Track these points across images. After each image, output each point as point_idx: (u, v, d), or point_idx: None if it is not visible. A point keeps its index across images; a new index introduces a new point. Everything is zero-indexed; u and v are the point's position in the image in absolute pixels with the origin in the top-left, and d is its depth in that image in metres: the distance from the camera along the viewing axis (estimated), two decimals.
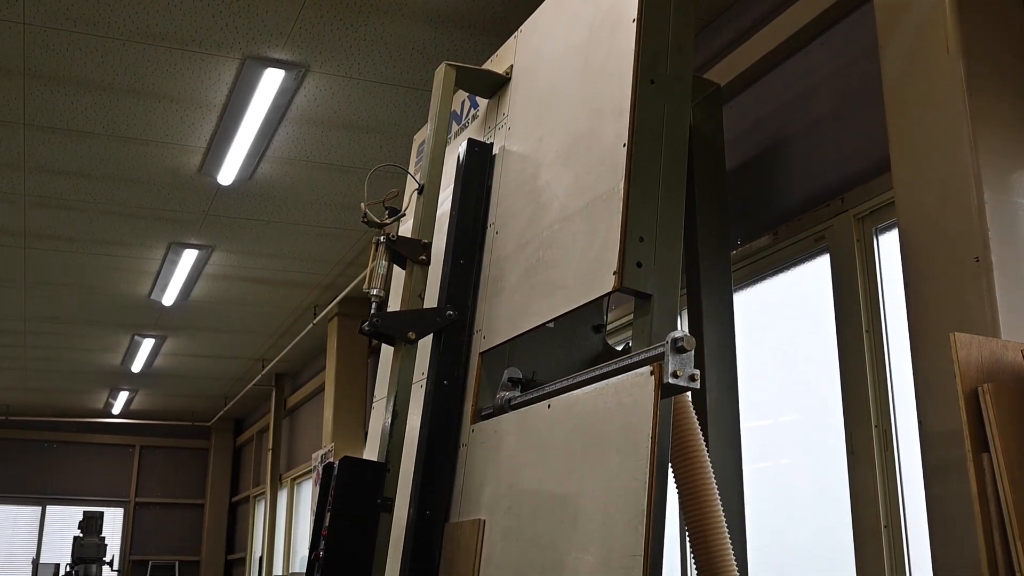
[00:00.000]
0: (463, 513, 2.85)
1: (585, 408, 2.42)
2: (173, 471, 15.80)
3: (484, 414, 2.92)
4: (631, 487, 2.16)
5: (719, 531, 2.50)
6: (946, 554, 2.62)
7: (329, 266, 8.47)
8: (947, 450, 2.64)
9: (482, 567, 2.64)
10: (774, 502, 4.02)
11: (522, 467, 2.62)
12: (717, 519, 2.51)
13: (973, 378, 2.49)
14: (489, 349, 2.98)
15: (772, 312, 4.18)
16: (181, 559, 15.40)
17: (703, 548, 2.50)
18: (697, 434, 2.55)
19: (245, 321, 10.20)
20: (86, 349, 11.25)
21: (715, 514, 2.51)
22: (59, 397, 13.78)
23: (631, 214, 2.48)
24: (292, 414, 12.52)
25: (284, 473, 12.42)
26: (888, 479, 3.34)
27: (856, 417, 3.45)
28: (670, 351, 2.19)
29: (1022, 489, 2.38)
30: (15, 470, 14.84)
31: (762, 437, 4.09)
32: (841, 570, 3.52)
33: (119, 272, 8.63)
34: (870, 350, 3.44)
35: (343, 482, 2.73)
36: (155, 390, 13.43)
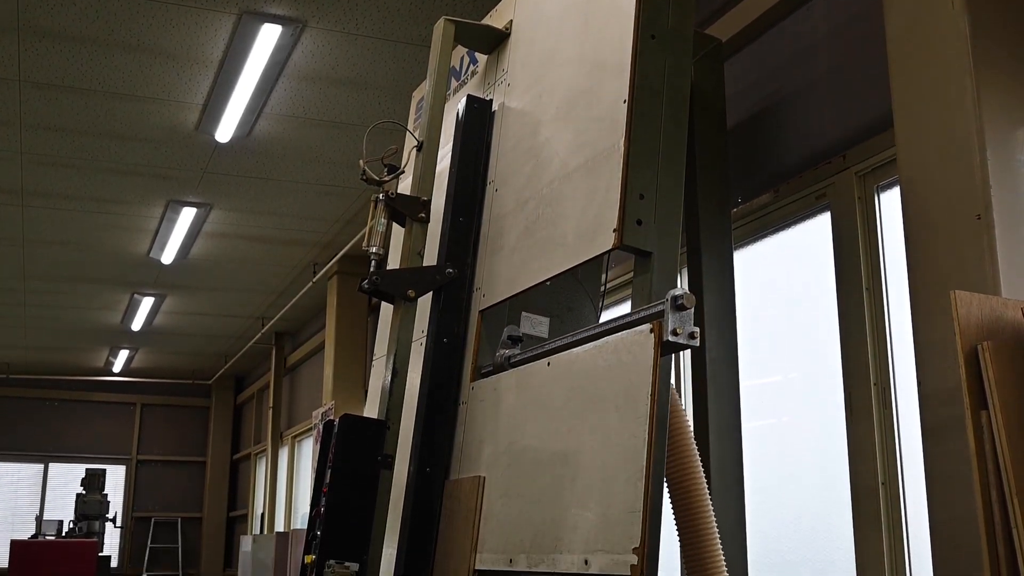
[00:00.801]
0: (463, 470, 2.86)
1: (585, 366, 2.42)
2: (174, 429, 15.89)
3: (484, 372, 2.92)
4: (630, 444, 2.16)
5: (710, 537, 2.53)
6: (943, 511, 2.64)
7: (328, 224, 8.45)
8: (945, 408, 2.65)
9: (482, 523, 2.66)
10: (772, 460, 4.04)
11: (522, 424, 2.63)
12: (709, 526, 2.53)
13: (973, 336, 2.49)
14: (489, 307, 2.98)
15: (772, 270, 4.17)
16: (183, 516, 15.53)
17: (694, 553, 2.53)
18: (688, 434, 2.57)
19: (244, 279, 10.19)
20: (86, 307, 11.26)
21: (707, 522, 2.53)
22: (59, 356, 13.82)
23: (631, 171, 2.46)
24: (292, 372, 12.56)
25: (285, 431, 12.49)
26: (886, 437, 3.35)
27: (855, 375, 3.46)
28: (670, 309, 2.19)
29: (1020, 447, 2.39)
30: (17, 428, 14.92)
31: (761, 395, 4.10)
32: (838, 527, 3.55)
33: (118, 230, 8.61)
34: (870, 308, 3.44)
35: (343, 439, 2.74)
36: (155, 348, 13.46)
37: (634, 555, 2.06)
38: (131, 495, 15.44)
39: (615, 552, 2.12)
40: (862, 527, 3.38)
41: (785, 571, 3.89)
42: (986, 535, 2.36)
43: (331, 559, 2.61)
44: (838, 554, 3.55)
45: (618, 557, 2.11)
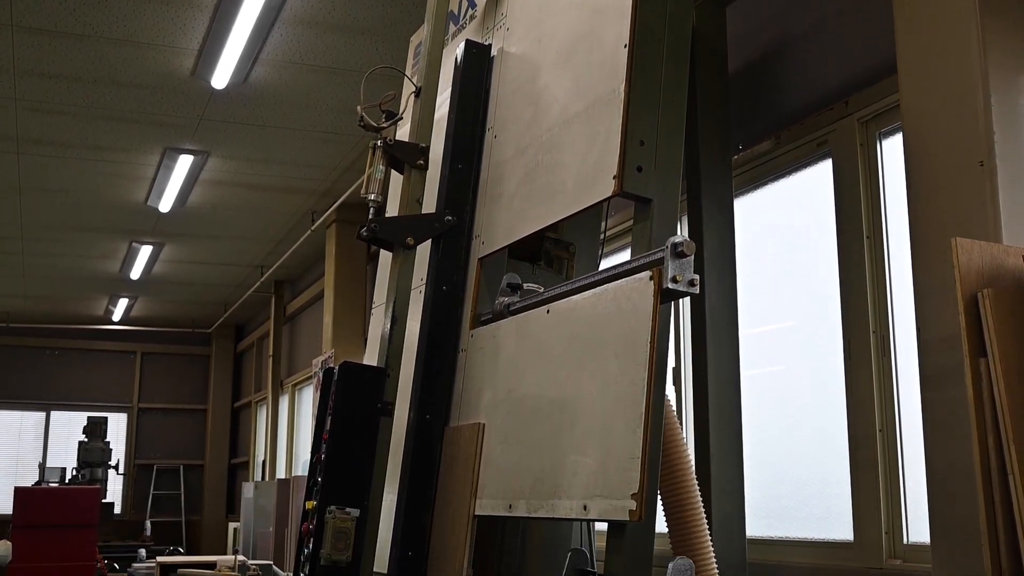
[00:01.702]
0: (462, 417, 2.87)
1: (584, 313, 2.42)
2: (175, 377, 15.95)
3: (483, 320, 2.92)
4: (630, 391, 2.17)
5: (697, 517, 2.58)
6: (940, 457, 2.65)
7: (326, 172, 8.40)
8: (944, 355, 2.65)
9: (481, 469, 2.67)
10: (771, 408, 4.06)
11: (521, 372, 2.63)
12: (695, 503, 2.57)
13: (973, 283, 2.49)
14: (488, 254, 2.97)
15: (773, 218, 4.16)
16: (185, 463, 15.66)
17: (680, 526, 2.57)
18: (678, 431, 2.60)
19: (243, 228, 10.17)
20: (84, 256, 11.24)
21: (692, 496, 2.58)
22: (59, 304, 13.83)
23: (632, 117, 2.44)
24: (292, 320, 12.58)
25: (285, 379, 12.55)
26: (884, 384, 3.36)
27: (855, 323, 3.46)
28: (670, 256, 2.18)
29: (1018, 394, 2.39)
30: (18, 377, 14.98)
31: (760, 343, 4.11)
32: (836, 474, 3.57)
33: (115, 178, 8.57)
34: (870, 256, 3.43)
35: (343, 387, 2.75)
36: (155, 297, 13.47)
37: (632, 501, 2.08)
38: (133, 443, 15.54)
39: (614, 498, 2.14)
40: (859, 474, 3.40)
41: (782, 518, 3.93)
42: (982, 481, 2.37)
43: (332, 505, 2.63)
44: (835, 501, 3.58)
45: (617, 503, 2.13)
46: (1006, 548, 2.33)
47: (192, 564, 7.28)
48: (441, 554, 2.73)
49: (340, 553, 2.59)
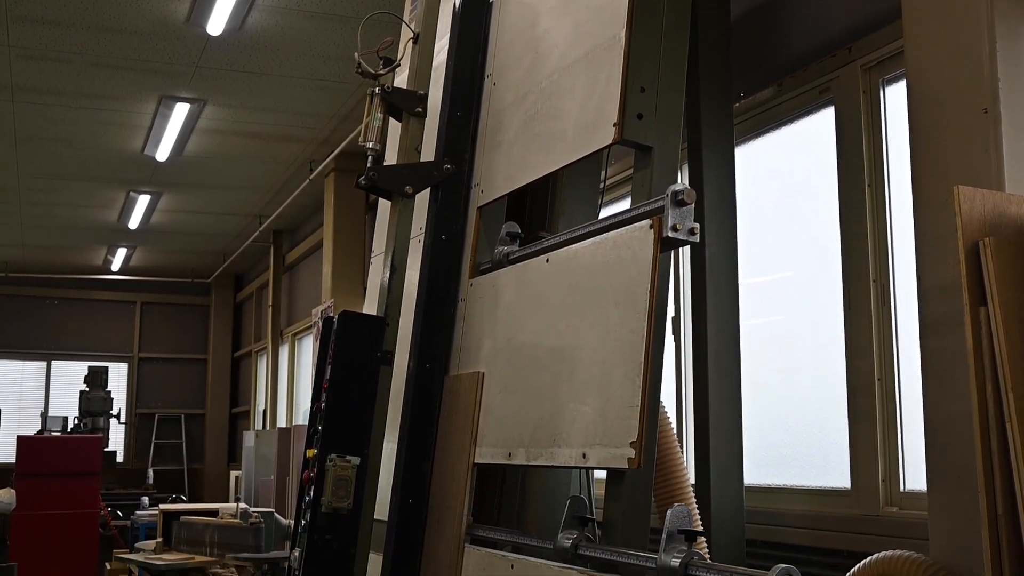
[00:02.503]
0: (462, 366, 2.87)
1: (584, 262, 2.41)
2: (175, 327, 15.98)
3: (482, 269, 2.91)
4: (629, 340, 2.17)
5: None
6: (938, 406, 2.66)
7: (324, 120, 8.34)
8: (944, 304, 2.65)
9: (481, 418, 2.68)
10: (769, 357, 4.06)
11: (520, 321, 2.63)
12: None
13: (975, 232, 2.48)
14: (487, 203, 2.95)
15: (774, 166, 4.13)
16: (186, 412, 15.75)
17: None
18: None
19: (241, 177, 10.12)
20: (82, 205, 11.21)
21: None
22: (58, 254, 13.81)
23: (632, 64, 2.41)
24: (291, 270, 12.58)
25: (285, 328, 12.57)
26: (884, 333, 3.36)
27: (855, 272, 3.45)
28: (670, 204, 2.17)
29: (1017, 343, 2.39)
30: (18, 326, 15.00)
31: (760, 293, 4.10)
32: (833, 423, 3.59)
33: (111, 127, 8.51)
34: (871, 205, 3.42)
35: (343, 335, 2.75)
36: (153, 247, 13.45)
37: (631, 449, 2.09)
38: (134, 392, 15.62)
39: (613, 446, 2.15)
40: (857, 422, 3.42)
41: (779, 466, 3.96)
42: (980, 429, 2.38)
43: (332, 453, 2.64)
44: (832, 449, 3.60)
45: (616, 451, 2.13)
46: (1002, 495, 2.34)
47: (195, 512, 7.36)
48: (441, 502, 2.75)
49: (341, 501, 2.61)
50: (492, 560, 2.48)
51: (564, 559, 2.24)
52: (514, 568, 2.38)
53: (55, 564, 10.03)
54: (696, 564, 1.90)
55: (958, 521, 2.55)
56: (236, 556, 6.00)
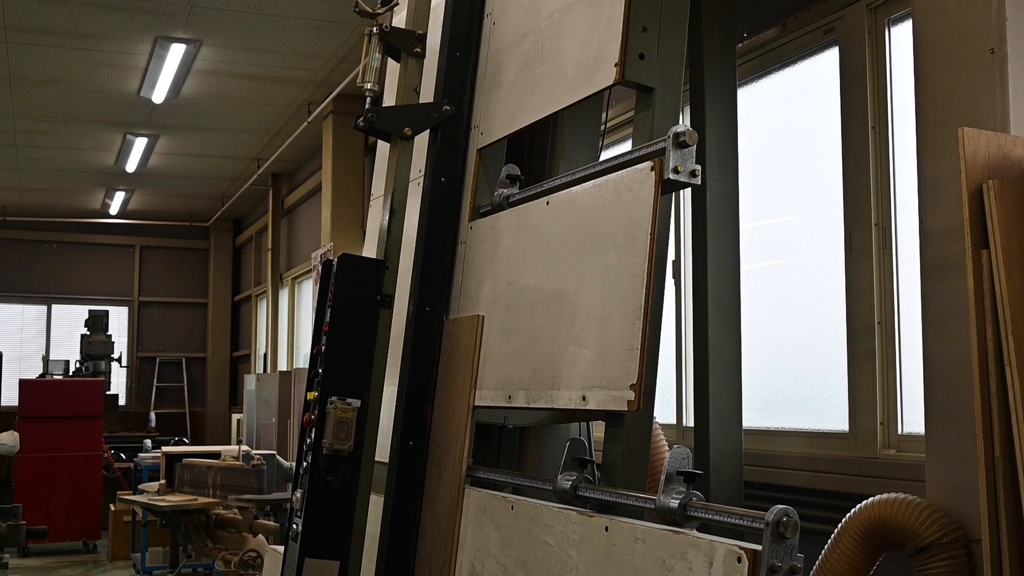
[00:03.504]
0: (462, 309, 2.87)
1: (584, 204, 2.39)
2: (174, 271, 15.98)
3: (482, 211, 2.90)
4: (629, 283, 2.16)
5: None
6: (938, 349, 2.66)
7: (322, 61, 8.25)
8: (946, 247, 2.64)
9: (481, 361, 2.69)
10: (769, 301, 4.06)
11: (520, 264, 2.62)
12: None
13: (979, 174, 2.46)
14: (487, 145, 2.92)
15: (777, 108, 4.09)
16: (187, 356, 15.81)
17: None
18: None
19: (238, 119, 10.04)
20: (79, 148, 11.13)
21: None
22: (55, 197, 13.75)
23: (634, 3, 2.37)
24: (290, 214, 12.54)
25: (284, 272, 12.57)
26: (885, 277, 3.35)
27: (856, 215, 3.44)
28: (671, 146, 2.14)
29: (1018, 286, 2.39)
30: (17, 270, 15.00)
31: (761, 237, 4.09)
32: (833, 366, 3.60)
33: (106, 68, 8.41)
34: (875, 147, 3.39)
35: (342, 279, 2.74)
36: (151, 190, 13.39)
37: (631, 391, 2.09)
38: (135, 336, 15.67)
39: (612, 388, 2.15)
40: (856, 365, 3.43)
41: (778, 409, 3.98)
42: (979, 372, 2.39)
43: (333, 396, 2.65)
44: (831, 391, 3.62)
45: (615, 393, 2.14)
46: (1000, 437, 2.36)
47: (197, 454, 7.42)
48: (442, 444, 2.77)
49: (342, 443, 2.63)
50: (492, 501, 2.50)
51: (563, 500, 2.25)
52: (514, 509, 2.40)
53: (60, 505, 10.15)
54: (694, 505, 1.91)
55: (955, 463, 2.56)
56: (239, 497, 6.07)
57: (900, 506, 2.55)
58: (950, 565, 2.46)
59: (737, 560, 1.72)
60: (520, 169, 2.86)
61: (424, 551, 2.74)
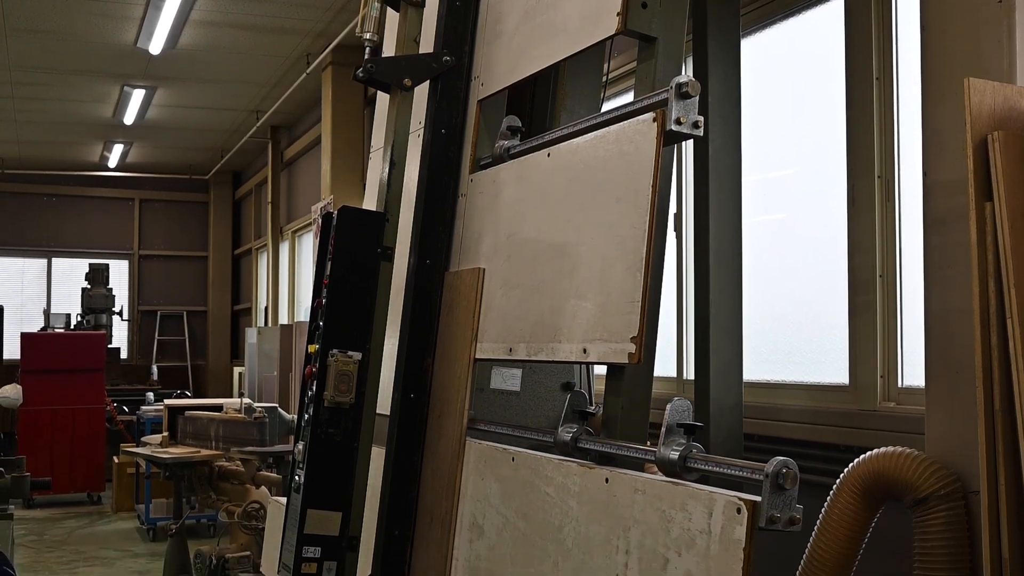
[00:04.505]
0: (463, 262, 2.86)
1: (585, 156, 2.37)
2: (174, 224, 15.95)
3: (483, 163, 2.88)
4: (631, 234, 2.15)
5: None
6: (939, 301, 2.66)
7: (320, 11, 8.16)
8: (950, 199, 2.62)
9: (482, 314, 2.68)
10: (772, 254, 4.05)
11: (521, 216, 2.61)
12: None
13: (984, 125, 2.44)
14: (488, 96, 2.89)
15: (780, 59, 4.05)
16: (188, 309, 15.83)
17: None
18: None
19: (237, 71, 9.95)
20: (76, 100, 11.05)
21: None
22: (53, 150, 13.68)
23: None
24: (290, 167, 12.49)
25: (285, 226, 12.55)
26: (887, 230, 3.34)
27: (859, 168, 3.42)
28: (674, 97, 2.12)
29: (1021, 238, 2.38)
30: (17, 223, 14.97)
31: (763, 190, 4.07)
32: (834, 319, 3.60)
33: (102, 18, 8.32)
34: (879, 98, 3.36)
35: (342, 231, 2.73)
36: (150, 143, 13.32)
37: (632, 344, 2.09)
38: (136, 289, 15.68)
39: (613, 341, 2.15)
40: (857, 318, 3.43)
41: (778, 361, 3.99)
42: (980, 325, 2.39)
43: (334, 348, 2.65)
44: (832, 344, 3.62)
45: (616, 346, 2.14)
46: (1000, 390, 2.36)
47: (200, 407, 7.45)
48: (443, 397, 2.77)
49: (343, 395, 2.63)
50: (493, 453, 2.51)
51: (564, 452, 2.26)
52: (515, 461, 2.41)
53: (64, 458, 10.23)
54: (694, 457, 1.92)
55: (955, 416, 2.57)
56: (241, 450, 6.10)
57: (898, 459, 2.57)
58: (948, 516, 2.48)
59: (736, 511, 1.73)
60: (521, 121, 2.83)
61: (425, 503, 2.76)
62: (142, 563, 7.68)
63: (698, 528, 1.81)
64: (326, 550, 2.60)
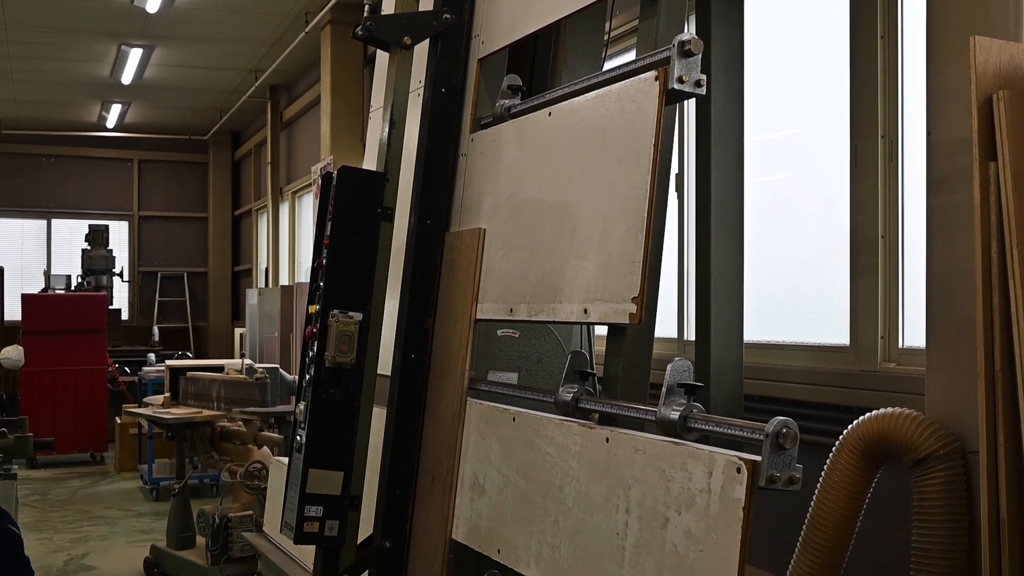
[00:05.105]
0: (463, 222, 2.85)
1: (587, 115, 2.36)
2: (174, 185, 15.90)
3: (483, 123, 2.85)
4: (632, 194, 2.13)
5: None
6: (941, 262, 2.65)
7: None
8: (953, 159, 2.61)
9: (482, 275, 2.68)
10: (774, 215, 4.04)
11: (522, 176, 2.59)
12: None
13: (989, 84, 2.41)
14: (488, 55, 2.87)
15: (784, 18, 4.01)
16: (189, 270, 15.82)
17: None
18: None
19: (235, 29, 9.86)
20: (73, 60, 10.96)
21: None
22: (51, 110, 13.60)
23: None
24: (289, 127, 12.42)
25: (284, 186, 12.50)
26: (890, 190, 3.33)
27: (863, 128, 3.39)
28: (676, 55, 2.10)
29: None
30: (15, 184, 14.92)
31: (765, 151, 4.05)
32: (835, 280, 3.59)
33: None
34: (883, 57, 3.33)
35: (342, 191, 2.71)
36: (148, 103, 13.24)
37: (633, 304, 2.08)
38: (136, 250, 15.66)
39: (614, 301, 2.14)
40: (859, 279, 3.42)
41: (779, 322, 3.99)
42: (982, 285, 2.38)
43: (335, 309, 2.65)
44: (833, 305, 3.62)
45: (617, 306, 2.13)
46: (1001, 351, 2.36)
47: (201, 368, 7.47)
48: (443, 357, 2.77)
49: (344, 356, 2.63)
50: (494, 413, 2.52)
51: (565, 412, 2.26)
52: (516, 421, 2.42)
53: (66, 418, 10.27)
54: (695, 417, 1.92)
55: (955, 376, 2.57)
56: (243, 410, 6.12)
57: (897, 420, 2.57)
58: (947, 476, 2.49)
59: (736, 470, 1.74)
60: (522, 80, 2.81)
61: (426, 462, 2.77)
62: (146, 522, 7.74)
63: (698, 487, 1.81)
64: (328, 509, 2.62)
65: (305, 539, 2.61)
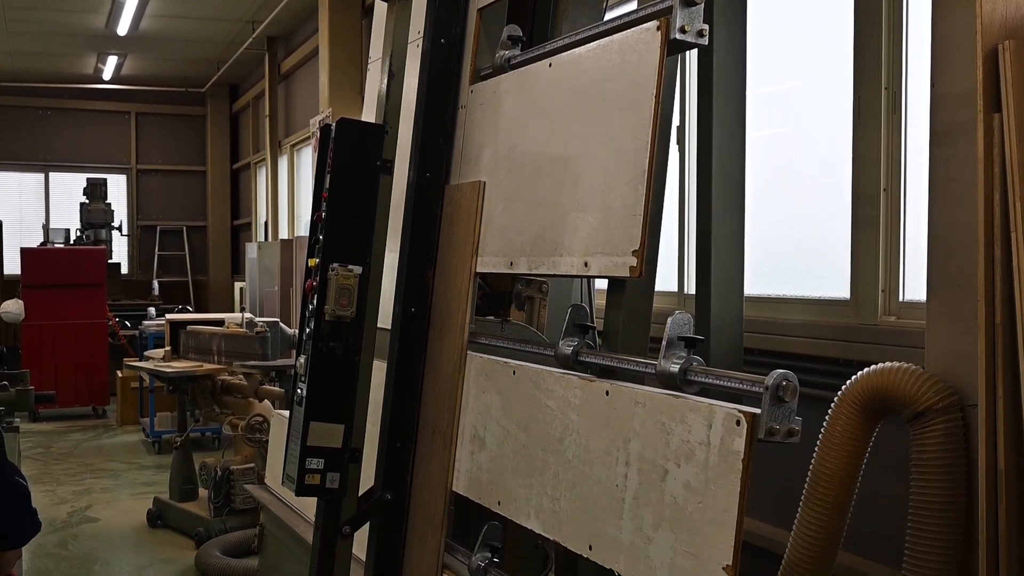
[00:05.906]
0: (463, 175, 2.83)
1: (588, 67, 2.33)
2: (172, 138, 15.80)
3: (483, 74, 2.82)
4: (632, 146, 2.12)
5: None
6: (943, 216, 2.64)
7: None
8: (957, 112, 2.58)
9: (482, 228, 2.67)
10: (774, 168, 4.02)
11: (522, 128, 2.57)
12: None
13: (995, 35, 2.38)
14: (488, 4, 2.83)
15: None
16: (188, 224, 15.78)
17: None
18: None
19: None
20: (67, 10, 10.84)
21: None
22: (47, 62, 13.48)
23: None
24: (287, 79, 12.31)
25: (283, 140, 12.43)
26: (892, 143, 3.30)
27: (866, 79, 3.36)
28: (678, 4, 2.07)
29: None
30: (12, 137, 14.82)
31: (767, 103, 4.01)
32: (836, 233, 3.58)
33: None
34: (887, 6, 3.28)
35: (341, 144, 2.69)
36: (144, 54, 13.11)
37: (633, 257, 2.07)
38: (135, 204, 15.61)
39: (615, 254, 2.13)
40: (860, 232, 3.41)
41: (780, 276, 3.98)
42: (984, 238, 2.37)
43: (334, 263, 2.64)
44: (833, 258, 3.61)
45: (617, 259, 2.12)
46: (1002, 304, 2.36)
47: (201, 322, 7.48)
48: (443, 310, 2.77)
49: (344, 309, 2.63)
50: (494, 366, 2.52)
51: (565, 365, 2.27)
52: (516, 374, 2.42)
53: (67, 372, 10.31)
54: (695, 370, 1.92)
55: (955, 330, 2.57)
56: (243, 364, 6.15)
57: (896, 374, 2.58)
58: (946, 429, 2.49)
59: (736, 423, 1.74)
60: (522, 30, 2.77)
61: (427, 415, 2.78)
62: (148, 475, 7.81)
63: (697, 440, 1.82)
64: (329, 462, 2.63)
65: (306, 491, 2.63)
